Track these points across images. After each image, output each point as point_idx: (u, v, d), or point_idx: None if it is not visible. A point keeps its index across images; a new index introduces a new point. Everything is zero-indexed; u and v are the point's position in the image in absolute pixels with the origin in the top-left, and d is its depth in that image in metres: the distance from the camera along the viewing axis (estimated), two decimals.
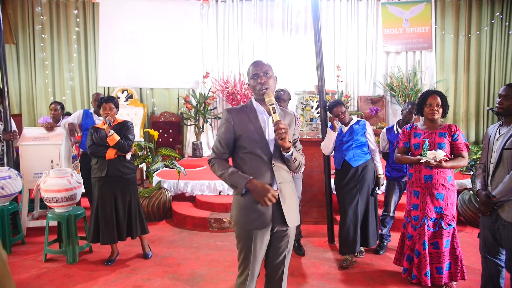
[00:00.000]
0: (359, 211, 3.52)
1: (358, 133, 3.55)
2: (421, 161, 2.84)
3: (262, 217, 1.97)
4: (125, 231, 3.48)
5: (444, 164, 2.77)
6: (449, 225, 2.91)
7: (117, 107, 3.51)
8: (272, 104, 1.92)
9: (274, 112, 1.91)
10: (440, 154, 2.75)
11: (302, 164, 2.08)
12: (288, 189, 2.04)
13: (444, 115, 2.96)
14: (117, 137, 3.34)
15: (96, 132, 3.43)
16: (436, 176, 2.88)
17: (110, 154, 3.36)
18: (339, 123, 3.59)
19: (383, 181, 3.67)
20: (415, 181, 2.99)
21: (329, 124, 3.78)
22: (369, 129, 3.60)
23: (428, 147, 2.86)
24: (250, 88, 2.10)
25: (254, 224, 1.98)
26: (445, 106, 2.93)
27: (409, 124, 3.13)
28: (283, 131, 1.85)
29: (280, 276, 2.08)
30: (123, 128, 3.47)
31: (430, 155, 2.78)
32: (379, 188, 3.69)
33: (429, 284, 2.94)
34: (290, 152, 1.94)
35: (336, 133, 3.55)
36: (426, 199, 2.93)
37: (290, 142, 1.91)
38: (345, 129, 3.60)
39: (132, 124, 3.58)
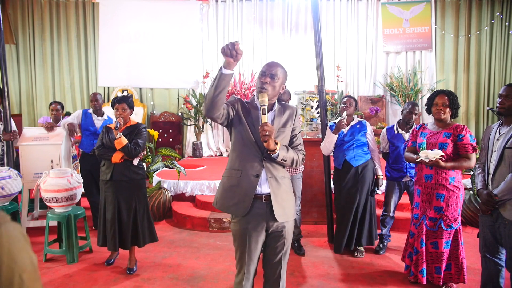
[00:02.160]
0: (359, 210, 3.58)
1: (359, 133, 3.60)
2: (417, 160, 2.85)
3: (240, 205, 1.98)
4: (129, 239, 3.30)
5: (442, 164, 2.74)
6: (449, 226, 2.88)
7: (131, 107, 3.32)
8: (264, 106, 1.92)
9: (264, 114, 1.91)
10: (435, 153, 2.73)
11: (297, 161, 2.05)
12: (280, 185, 2.03)
13: (454, 115, 2.93)
14: (124, 141, 3.18)
15: (108, 133, 3.29)
16: (436, 176, 2.87)
17: (116, 157, 3.21)
18: (346, 127, 3.62)
19: (382, 182, 3.71)
20: (418, 180, 3.02)
21: (329, 123, 3.80)
22: (370, 130, 3.66)
23: (425, 147, 2.87)
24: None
25: (230, 209, 2.02)
26: (453, 106, 2.89)
27: (420, 124, 3.14)
28: (266, 133, 1.85)
29: (278, 276, 2.09)
30: (134, 131, 3.30)
31: (422, 154, 2.79)
32: (378, 189, 3.73)
33: (424, 282, 2.96)
34: (275, 154, 1.93)
35: (337, 135, 3.58)
36: (426, 198, 2.93)
37: (276, 144, 1.91)
38: (346, 129, 3.63)
39: (145, 128, 3.39)
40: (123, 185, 3.26)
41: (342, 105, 3.69)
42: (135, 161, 3.31)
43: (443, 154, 2.75)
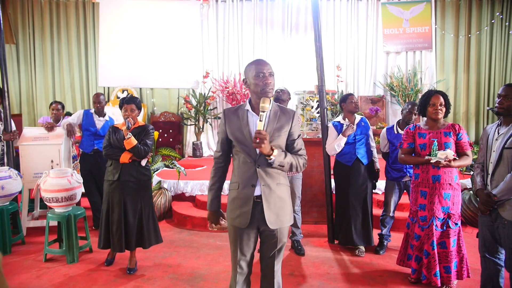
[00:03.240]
0: (368, 207, 3.71)
1: (366, 131, 3.75)
2: (431, 161, 2.82)
3: (243, 216, 2.02)
4: (134, 240, 3.29)
5: (452, 163, 2.78)
6: (456, 224, 2.93)
7: (139, 108, 3.32)
8: (264, 112, 1.90)
9: (260, 120, 1.89)
10: (450, 153, 2.77)
11: (296, 166, 2.03)
12: (273, 191, 2.01)
13: (446, 114, 2.97)
14: (134, 141, 3.17)
15: (115, 132, 3.27)
16: (444, 176, 2.89)
17: (125, 158, 3.19)
18: (354, 128, 3.71)
19: (379, 175, 3.85)
20: (423, 182, 2.98)
21: (333, 122, 3.84)
22: (370, 127, 3.84)
23: (437, 147, 2.87)
24: (249, 85, 2.04)
25: (236, 221, 2.05)
26: (447, 105, 2.95)
27: (412, 125, 3.13)
28: (257, 141, 1.85)
29: (272, 271, 2.14)
30: (143, 132, 3.30)
31: (442, 155, 2.77)
32: (376, 181, 3.88)
33: (439, 285, 2.93)
34: (271, 160, 1.92)
35: (346, 138, 3.63)
36: (434, 199, 2.92)
37: (272, 150, 1.90)
38: (354, 127, 3.71)
39: (153, 129, 3.41)
40: (130, 186, 3.25)
41: (352, 103, 3.73)
42: (143, 162, 3.30)
43: (454, 153, 2.81)
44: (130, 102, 3.25)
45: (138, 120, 3.38)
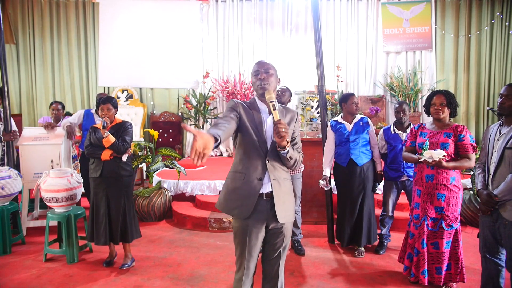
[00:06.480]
0: (364, 208, 3.66)
1: (363, 132, 3.68)
2: (420, 160, 2.84)
3: (244, 207, 1.99)
4: (119, 234, 3.40)
5: (444, 164, 2.76)
6: (450, 226, 2.89)
7: (116, 107, 3.46)
8: (272, 102, 1.94)
9: (274, 110, 1.92)
10: (439, 153, 2.74)
11: (298, 162, 2.08)
12: (282, 187, 2.05)
13: (453, 114, 2.95)
14: (112, 139, 3.30)
15: (94, 132, 3.41)
16: (437, 176, 2.87)
17: (106, 155, 3.32)
18: (350, 126, 3.68)
19: (382, 177, 3.80)
20: (418, 180, 3.01)
21: (331, 121, 3.83)
22: (372, 127, 3.76)
23: (428, 147, 2.86)
24: (252, 87, 2.12)
25: (233, 212, 2.03)
26: (451, 105, 2.90)
27: (418, 124, 3.15)
28: (283, 130, 1.85)
29: (276, 272, 2.13)
30: (121, 129, 3.43)
31: (426, 155, 2.78)
32: (378, 184, 3.82)
33: (426, 283, 2.96)
34: (286, 151, 1.95)
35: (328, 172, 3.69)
36: (427, 199, 2.93)
37: (287, 141, 1.94)
38: (349, 126, 3.66)
39: (131, 125, 3.53)
40: (112, 182, 3.37)
41: (353, 104, 3.70)
42: (124, 158, 3.42)
43: (445, 154, 2.77)
44: (106, 102, 3.39)
45: (116, 118, 3.49)
